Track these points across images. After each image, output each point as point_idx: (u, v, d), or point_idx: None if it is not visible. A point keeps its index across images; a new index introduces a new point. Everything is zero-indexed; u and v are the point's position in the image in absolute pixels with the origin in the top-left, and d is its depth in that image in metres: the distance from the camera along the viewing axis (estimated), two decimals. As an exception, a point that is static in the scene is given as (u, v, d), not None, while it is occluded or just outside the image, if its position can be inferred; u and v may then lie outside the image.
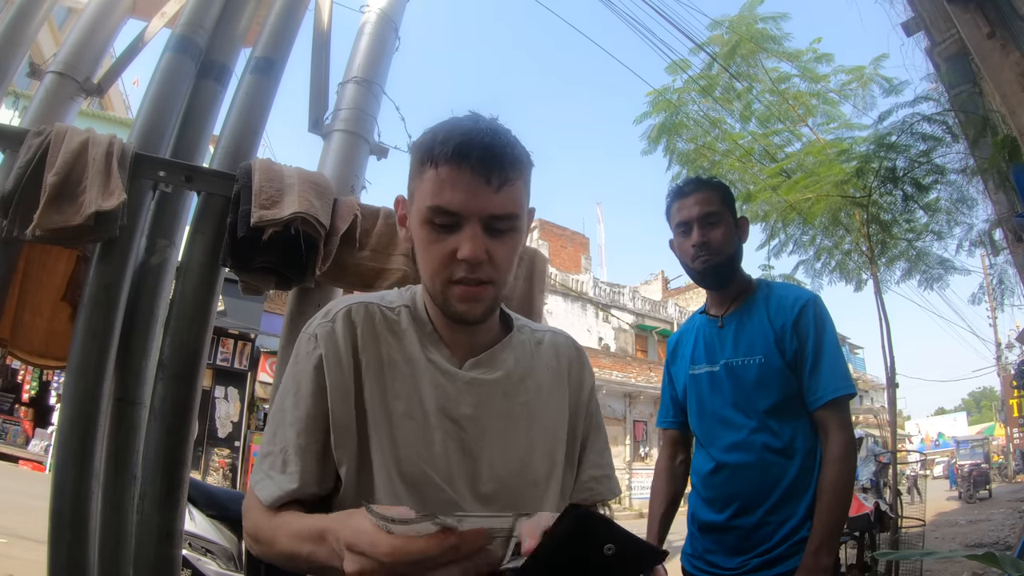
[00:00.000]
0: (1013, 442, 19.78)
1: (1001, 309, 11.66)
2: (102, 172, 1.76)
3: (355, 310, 0.80)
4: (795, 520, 1.30)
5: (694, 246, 1.42)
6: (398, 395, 0.78)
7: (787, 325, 1.36)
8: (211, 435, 10.12)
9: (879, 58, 5.37)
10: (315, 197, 1.90)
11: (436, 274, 0.74)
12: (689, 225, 1.43)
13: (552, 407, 0.86)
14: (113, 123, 10.10)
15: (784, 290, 1.46)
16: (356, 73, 2.47)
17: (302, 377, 0.77)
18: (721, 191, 1.47)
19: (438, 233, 0.72)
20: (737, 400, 1.39)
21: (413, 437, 0.77)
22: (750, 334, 1.41)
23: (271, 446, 0.77)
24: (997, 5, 2.38)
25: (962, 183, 4.70)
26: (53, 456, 2.93)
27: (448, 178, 0.70)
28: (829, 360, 1.32)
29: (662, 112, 5.71)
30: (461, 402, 0.79)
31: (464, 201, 0.70)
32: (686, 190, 1.46)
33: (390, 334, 0.80)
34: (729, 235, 1.42)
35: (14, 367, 9.23)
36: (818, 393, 1.31)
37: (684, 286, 27.97)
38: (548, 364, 0.88)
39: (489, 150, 0.70)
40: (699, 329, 1.54)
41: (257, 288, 2.04)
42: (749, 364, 1.38)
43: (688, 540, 1.49)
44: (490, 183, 0.70)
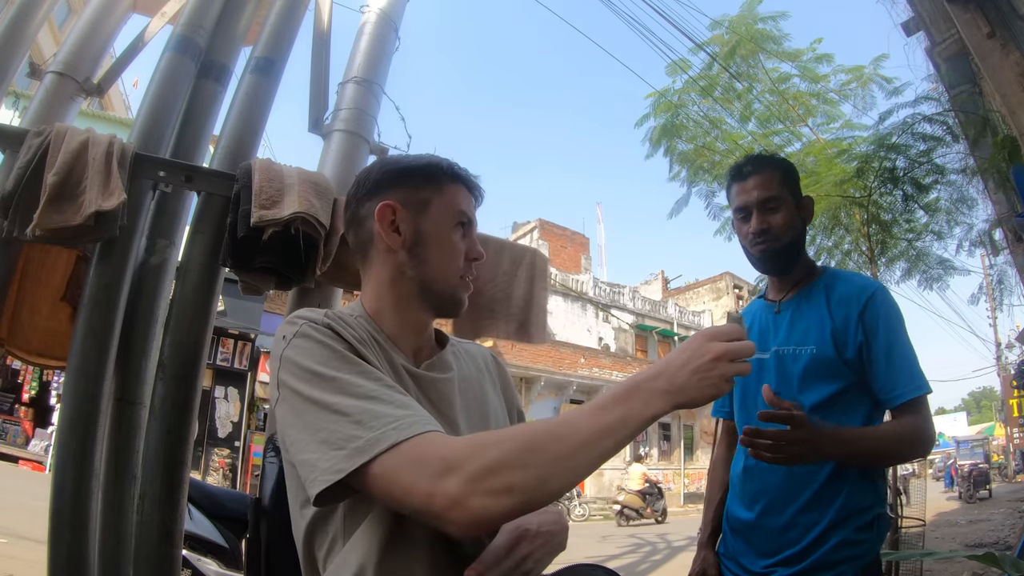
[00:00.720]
0: (1013, 442, 19.77)
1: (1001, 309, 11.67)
2: (102, 172, 1.76)
3: (328, 314, 0.84)
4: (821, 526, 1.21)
5: (752, 233, 1.33)
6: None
7: (851, 316, 1.25)
8: (211, 435, 10.13)
9: (879, 58, 5.38)
10: (315, 197, 1.90)
11: (458, 269, 0.91)
12: (748, 210, 1.34)
13: (493, 402, 0.97)
14: (113, 123, 10.10)
15: (849, 279, 1.35)
16: (356, 73, 2.47)
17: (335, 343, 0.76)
18: (782, 170, 1.37)
19: (462, 235, 0.91)
20: (781, 389, 1.27)
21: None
22: (806, 322, 1.31)
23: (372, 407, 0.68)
24: (997, 5, 2.38)
25: (962, 183, 4.70)
26: (53, 456, 2.93)
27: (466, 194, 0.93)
28: (903, 356, 1.22)
29: (663, 115, 5.71)
30: (426, 397, 0.86)
31: (473, 213, 0.94)
32: (745, 171, 1.37)
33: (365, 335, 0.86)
34: (790, 219, 1.33)
35: (15, 367, 9.23)
36: (897, 391, 1.21)
37: (684, 286, 27.98)
38: (480, 368, 1.00)
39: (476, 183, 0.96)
40: (755, 314, 1.45)
41: (257, 288, 2.04)
42: (800, 354, 1.29)
43: (721, 539, 1.42)
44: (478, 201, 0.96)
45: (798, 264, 1.37)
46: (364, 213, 0.90)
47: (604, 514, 14.71)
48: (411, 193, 0.89)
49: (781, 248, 1.33)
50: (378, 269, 0.90)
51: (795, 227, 1.34)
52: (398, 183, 0.89)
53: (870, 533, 1.22)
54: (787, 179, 1.36)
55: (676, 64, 5.78)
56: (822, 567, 1.19)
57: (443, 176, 0.91)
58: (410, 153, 0.98)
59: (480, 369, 0.99)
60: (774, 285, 1.43)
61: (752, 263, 1.41)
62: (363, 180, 0.92)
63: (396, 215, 0.88)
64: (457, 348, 0.99)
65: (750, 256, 1.39)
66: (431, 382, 0.87)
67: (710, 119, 5.82)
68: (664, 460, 20.44)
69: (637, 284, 26.39)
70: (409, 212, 0.88)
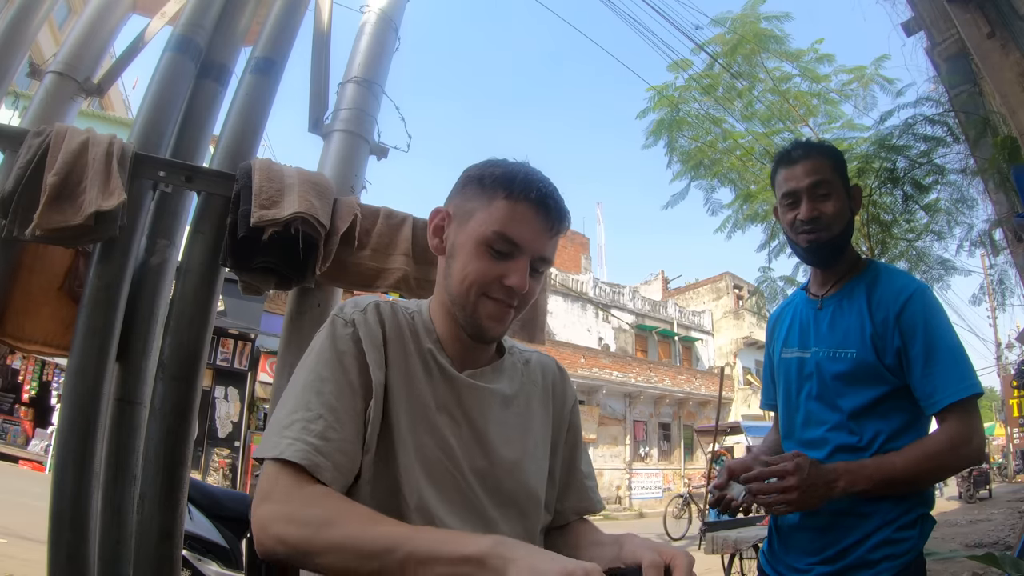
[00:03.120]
0: (1013, 442, 19.77)
1: (1001, 309, 11.67)
2: (102, 172, 1.76)
3: (383, 305, 0.84)
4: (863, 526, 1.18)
5: (801, 220, 1.26)
6: (415, 386, 0.82)
7: (889, 319, 1.19)
8: (211, 435, 10.13)
9: (880, 59, 5.38)
10: (315, 197, 1.90)
11: (474, 285, 0.81)
12: (797, 196, 1.27)
13: (540, 421, 0.93)
14: (113, 123, 10.11)
15: (890, 278, 1.27)
16: (356, 73, 2.47)
17: (344, 355, 0.78)
18: (833, 157, 1.31)
19: (492, 256, 0.81)
20: (822, 393, 1.25)
21: (428, 425, 0.81)
22: (846, 323, 1.25)
23: (304, 411, 0.73)
24: (997, 5, 2.38)
25: (962, 183, 4.70)
26: (53, 456, 2.92)
27: (523, 215, 0.81)
28: (945, 356, 1.15)
29: (663, 108, 5.71)
30: (462, 403, 0.84)
31: (529, 239, 0.81)
32: (795, 156, 1.30)
33: (409, 331, 0.85)
34: (841, 208, 1.26)
35: (14, 367, 9.23)
36: (935, 396, 1.13)
37: (684, 286, 27.97)
38: (535, 381, 0.95)
39: (558, 204, 0.83)
40: (797, 308, 1.39)
41: (257, 288, 2.04)
42: (840, 357, 1.23)
43: (767, 539, 1.39)
44: (550, 230, 0.83)
45: (844, 257, 1.31)
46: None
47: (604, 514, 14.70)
48: (465, 202, 0.84)
49: (830, 239, 1.27)
50: (438, 273, 0.89)
51: (845, 217, 1.28)
52: (464, 188, 0.85)
53: (912, 532, 1.18)
54: (838, 166, 1.30)
55: (677, 64, 5.78)
56: (862, 565, 1.16)
57: (500, 189, 0.81)
58: (505, 159, 0.87)
59: (536, 383, 0.95)
60: (817, 278, 1.36)
61: (797, 253, 1.36)
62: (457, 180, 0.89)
63: (444, 221, 0.87)
64: (518, 358, 0.96)
65: (795, 246, 1.32)
66: (469, 388, 0.85)
67: (711, 117, 5.82)
68: (664, 460, 20.44)
69: (637, 284, 26.39)
70: (456, 221, 0.85)
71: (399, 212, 2.13)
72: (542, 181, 0.83)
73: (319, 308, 2.10)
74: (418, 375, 0.83)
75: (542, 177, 0.84)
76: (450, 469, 0.80)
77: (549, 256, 0.84)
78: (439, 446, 0.80)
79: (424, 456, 0.79)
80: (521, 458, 0.87)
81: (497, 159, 0.86)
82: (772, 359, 1.45)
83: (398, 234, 2.07)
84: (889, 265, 1.41)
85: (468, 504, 0.81)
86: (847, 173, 1.33)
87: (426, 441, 0.80)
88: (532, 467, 0.88)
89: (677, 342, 23.80)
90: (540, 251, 0.83)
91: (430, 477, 0.79)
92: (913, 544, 1.18)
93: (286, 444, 0.70)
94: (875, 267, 1.31)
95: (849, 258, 1.32)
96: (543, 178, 0.84)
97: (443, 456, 0.80)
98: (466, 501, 0.81)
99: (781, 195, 1.32)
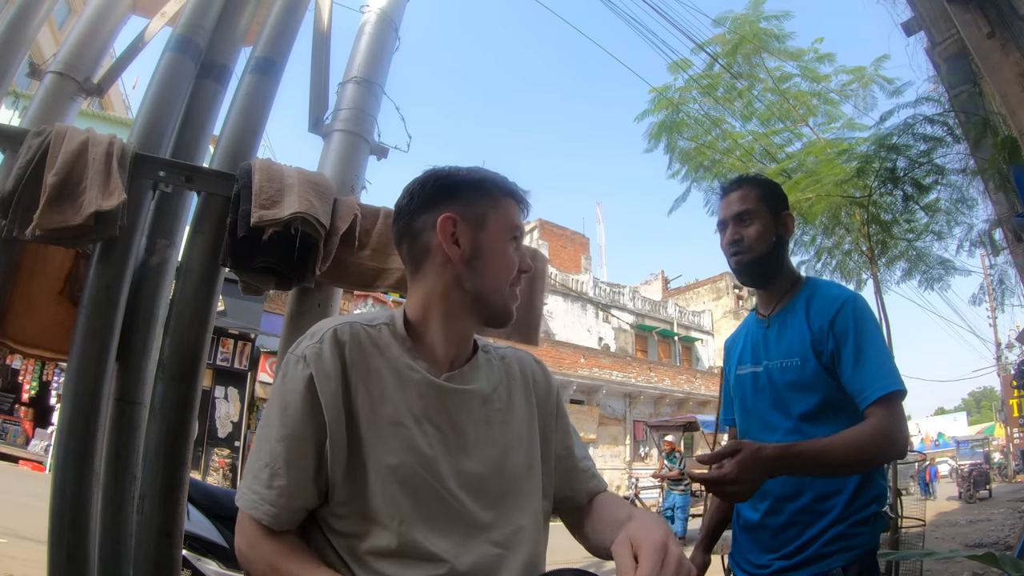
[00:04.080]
0: (1013, 442, 19.78)
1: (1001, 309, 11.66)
2: (102, 172, 1.76)
3: (340, 330, 0.87)
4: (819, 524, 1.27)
5: (728, 243, 1.43)
6: (386, 402, 0.85)
7: (824, 326, 1.31)
8: (211, 435, 10.14)
9: (880, 59, 5.38)
10: (315, 197, 1.90)
11: (509, 276, 0.93)
12: (725, 224, 1.44)
13: (522, 413, 0.97)
14: (113, 123, 10.11)
15: (825, 290, 1.41)
16: (356, 73, 2.47)
17: (290, 397, 0.82)
18: (760, 188, 1.46)
19: (514, 247, 0.94)
20: (776, 401, 1.38)
21: (402, 439, 0.83)
22: (790, 335, 1.38)
23: (256, 461, 0.83)
24: (997, 5, 2.38)
25: (962, 183, 4.70)
26: (53, 456, 2.92)
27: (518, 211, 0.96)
28: (872, 357, 1.26)
29: (663, 110, 5.71)
30: (443, 408, 0.88)
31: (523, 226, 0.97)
32: (727, 189, 1.48)
33: (374, 348, 0.88)
34: (764, 233, 1.40)
35: (14, 367, 9.23)
36: (864, 392, 1.24)
37: (684, 286, 27.98)
38: (514, 375, 0.99)
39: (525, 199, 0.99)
40: (748, 329, 1.53)
41: (257, 288, 2.04)
42: (787, 366, 1.36)
43: (733, 540, 1.49)
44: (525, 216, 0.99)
45: (780, 278, 1.44)
46: (420, 225, 0.92)
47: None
48: (468, 207, 0.91)
49: (754, 259, 1.41)
50: (432, 280, 0.91)
51: (768, 241, 1.41)
52: (455, 196, 0.91)
53: (865, 528, 1.27)
54: (765, 195, 1.44)
55: (677, 64, 5.78)
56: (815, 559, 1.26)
57: (497, 190, 0.93)
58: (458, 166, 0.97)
59: (514, 377, 0.99)
60: (762, 299, 1.50)
61: (734, 274, 1.51)
62: (416, 192, 0.93)
63: (456, 227, 0.90)
64: (492, 355, 1.00)
65: (732, 268, 1.48)
66: (450, 393, 0.89)
67: (711, 118, 5.82)
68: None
69: (637, 284, 26.39)
70: (468, 225, 0.90)
71: (399, 212, 2.13)
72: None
73: (319, 308, 2.10)
74: (389, 392, 0.85)
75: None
76: (430, 482, 0.83)
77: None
78: (417, 462, 0.83)
79: (401, 475, 0.82)
80: (504, 452, 0.90)
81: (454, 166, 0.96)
82: (729, 379, 1.58)
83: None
84: (824, 280, 1.56)
85: (452, 515, 0.83)
86: (780, 201, 1.47)
87: (403, 459, 0.82)
88: (516, 458, 0.92)
89: (677, 342, 23.80)
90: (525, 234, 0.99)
91: (408, 495, 0.82)
92: (866, 539, 1.28)
93: (242, 493, 0.83)
94: (812, 283, 1.45)
95: (787, 278, 1.45)
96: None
97: (421, 470, 0.83)
98: (450, 512, 0.83)
99: (717, 224, 1.49)
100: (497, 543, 0.85)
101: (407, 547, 0.79)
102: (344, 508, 0.82)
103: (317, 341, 0.85)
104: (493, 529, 0.85)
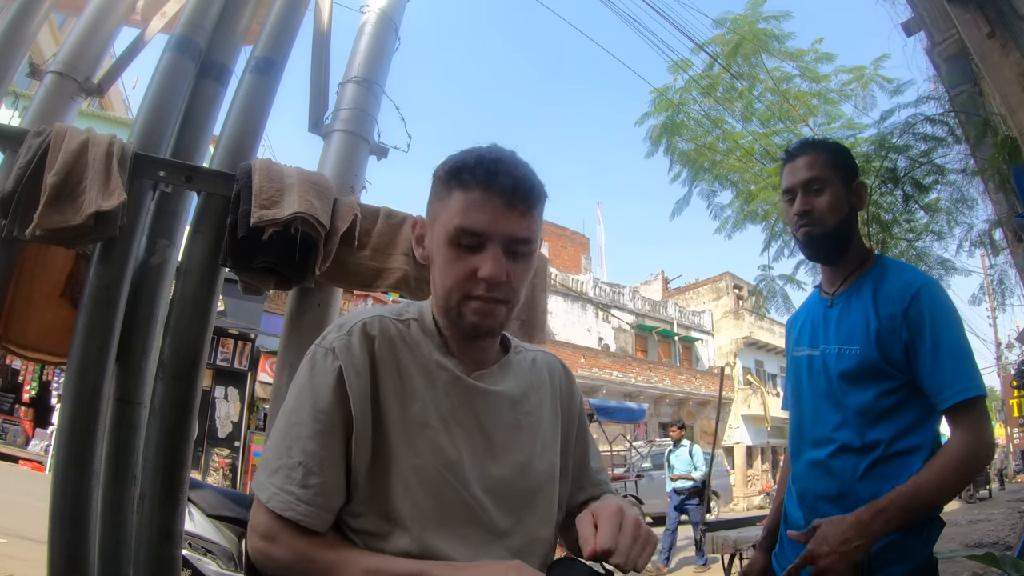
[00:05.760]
0: (1013, 442, 19.77)
1: (1001, 309, 11.68)
2: (102, 172, 1.76)
3: (370, 323, 0.82)
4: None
5: (796, 214, 1.30)
6: (414, 401, 0.80)
7: (896, 315, 1.18)
8: (211, 435, 10.13)
9: (880, 58, 5.38)
10: (315, 197, 1.90)
11: (454, 289, 0.78)
12: (793, 192, 1.31)
13: (548, 420, 0.92)
14: (113, 123, 10.10)
15: (897, 272, 1.26)
16: (356, 73, 2.47)
17: (321, 390, 0.78)
18: (832, 153, 1.32)
19: (461, 252, 0.77)
20: (828, 392, 1.25)
21: (428, 440, 0.79)
22: (852, 320, 1.25)
23: (287, 459, 0.77)
24: (997, 5, 2.38)
25: (962, 183, 4.70)
26: (53, 456, 2.92)
27: (477, 200, 0.76)
28: (950, 355, 1.14)
29: (663, 112, 5.71)
30: (472, 409, 0.83)
31: (490, 223, 0.76)
32: (794, 153, 1.34)
33: (404, 344, 0.83)
34: (836, 203, 1.27)
35: (14, 367, 9.23)
36: (944, 394, 1.13)
37: (684, 286, 27.97)
38: (543, 380, 0.94)
39: (515, 177, 0.77)
40: (810, 307, 1.40)
41: (257, 288, 2.04)
42: (846, 354, 1.23)
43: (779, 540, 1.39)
44: (514, 208, 0.76)
45: (849, 253, 1.31)
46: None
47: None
48: (432, 204, 0.83)
49: (825, 233, 1.28)
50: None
51: (841, 212, 1.28)
52: (431, 191, 0.83)
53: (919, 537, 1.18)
54: (837, 161, 1.31)
55: (677, 64, 5.78)
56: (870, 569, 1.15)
57: (453, 181, 0.78)
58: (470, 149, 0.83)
59: (543, 381, 0.94)
60: (827, 276, 1.37)
61: (800, 249, 1.40)
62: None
63: (424, 230, 0.85)
64: (524, 356, 0.94)
65: (797, 241, 1.35)
66: (480, 393, 0.84)
67: (711, 118, 5.82)
68: (664, 460, 20.42)
69: (637, 284, 26.37)
70: (430, 227, 0.83)
71: (399, 212, 2.13)
72: (493, 160, 0.77)
73: (319, 308, 2.10)
74: (418, 390, 0.81)
75: (495, 155, 0.78)
76: (453, 485, 0.79)
77: (524, 235, 0.78)
78: (442, 463, 0.79)
79: (424, 476, 0.78)
80: (530, 458, 0.86)
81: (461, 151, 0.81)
82: (789, 360, 1.45)
83: (398, 234, 2.07)
84: (897, 260, 1.40)
85: (474, 520, 0.80)
86: (851, 169, 1.33)
87: (427, 460, 0.79)
88: (541, 466, 0.87)
89: (677, 342, 23.80)
90: (509, 231, 0.77)
91: (431, 497, 0.78)
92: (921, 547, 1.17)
93: (272, 493, 0.76)
94: (882, 263, 1.31)
95: (857, 255, 1.31)
96: (496, 155, 0.78)
97: (445, 472, 0.79)
98: (471, 517, 0.80)
99: (782, 192, 1.36)
100: (514, 550, 0.81)
101: (426, 552, 0.76)
102: (363, 507, 0.78)
103: (346, 334, 0.80)
104: (512, 536, 0.83)
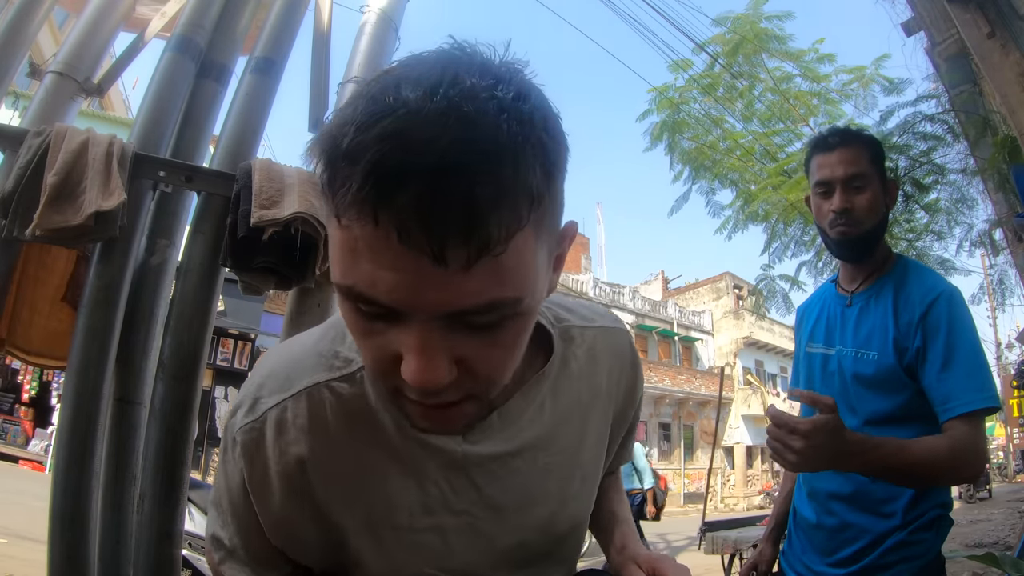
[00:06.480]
0: (1013, 442, 19.78)
1: (1001, 309, 11.69)
2: (102, 172, 1.76)
3: (293, 407, 0.56)
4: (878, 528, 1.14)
5: (834, 211, 1.21)
6: (375, 502, 0.58)
7: (914, 321, 1.14)
8: (211, 435, 10.13)
9: (880, 58, 5.38)
10: (315, 197, 1.90)
11: (378, 379, 0.46)
12: (830, 186, 1.22)
13: (592, 441, 0.67)
14: (113, 123, 10.11)
15: (919, 277, 1.21)
16: (356, 73, 2.47)
17: (234, 490, 0.59)
18: (871, 147, 1.24)
19: (368, 320, 0.41)
20: (842, 394, 1.20)
21: (408, 546, 0.59)
22: (871, 323, 1.21)
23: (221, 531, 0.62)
24: (997, 5, 2.38)
25: (962, 183, 4.70)
26: (53, 456, 2.93)
27: (362, 246, 0.37)
28: (963, 363, 1.08)
29: (664, 110, 5.72)
30: (471, 485, 0.59)
31: (401, 293, 0.38)
32: (832, 142, 1.24)
33: (353, 422, 0.56)
34: (876, 202, 1.21)
35: (14, 367, 9.24)
36: (949, 403, 1.07)
37: (684, 286, 27.98)
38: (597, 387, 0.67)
39: (440, 188, 0.34)
40: (825, 302, 1.35)
41: (257, 288, 2.04)
42: (863, 359, 1.19)
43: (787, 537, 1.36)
44: (445, 261, 0.36)
45: (875, 253, 1.26)
46: None
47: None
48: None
49: (862, 234, 1.21)
50: None
51: (879, 212, 1.23)
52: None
53: (928, 534, 1.15)
54: (876, 157, 1.24)
55: (678, 64, 5.79)
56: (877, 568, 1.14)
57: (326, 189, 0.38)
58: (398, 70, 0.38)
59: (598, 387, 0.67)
60: (847, 273, 1.31)
61: (827, 246, 1.31)
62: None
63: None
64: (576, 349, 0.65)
65: (826, 238, 1.27)
66: (480, 464, 0.58)
67: (711, 118, 5.83)
68: (664, 460, 20.45)
69: (637, 284, 26.39)
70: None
71: (399, 212, 2.13)
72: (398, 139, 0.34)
73: (319, 308, 2.10)
74: (378, 487, 0.57)
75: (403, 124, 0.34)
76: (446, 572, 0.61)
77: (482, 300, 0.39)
78: (434, 565, 0.60)
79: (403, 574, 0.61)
80: (563, 503, 0.64)
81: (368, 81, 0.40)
82: (799, 351, 1.41)
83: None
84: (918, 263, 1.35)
85: None
86: (884, 164, 1.27)
87: (412, 563, 0.60)
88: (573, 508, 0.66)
89: (677, 342, 23.81)
90: (446, 304, 0.38)
91: None
92: (929, 546, 1.15)
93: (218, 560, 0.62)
94: (904, 264, 1.26)
95: (880, 254, 1.27)
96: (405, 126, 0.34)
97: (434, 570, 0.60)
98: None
99: (815, 183, 1.26)
100: None
101: None
102: None
103: (258, 422, 0.56)
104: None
